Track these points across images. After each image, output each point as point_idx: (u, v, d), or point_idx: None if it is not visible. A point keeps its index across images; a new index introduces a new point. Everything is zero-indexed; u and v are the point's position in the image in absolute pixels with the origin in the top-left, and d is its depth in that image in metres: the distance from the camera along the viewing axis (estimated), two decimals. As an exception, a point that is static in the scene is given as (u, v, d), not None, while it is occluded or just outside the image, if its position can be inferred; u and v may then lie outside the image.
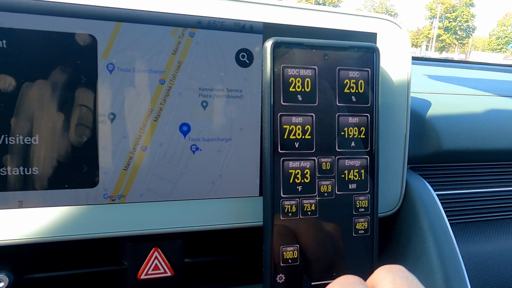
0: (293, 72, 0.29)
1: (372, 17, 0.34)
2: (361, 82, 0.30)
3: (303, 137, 0.29)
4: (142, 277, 0.33)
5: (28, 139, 0.27)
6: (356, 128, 0.30)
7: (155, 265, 0.33)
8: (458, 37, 36.91)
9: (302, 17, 0.32)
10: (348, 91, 0.30)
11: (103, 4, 0.28)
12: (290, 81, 0.29)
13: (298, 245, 0.29)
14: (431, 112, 0.44)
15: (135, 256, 0.33)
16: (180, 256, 0.34)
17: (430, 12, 37.52)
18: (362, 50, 0.30)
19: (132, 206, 0.30)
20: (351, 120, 0.30)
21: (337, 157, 0.30)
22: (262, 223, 0.29)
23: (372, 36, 0.34)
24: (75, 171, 0.28)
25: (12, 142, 0.27)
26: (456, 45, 36.59)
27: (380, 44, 0.34)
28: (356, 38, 0.34)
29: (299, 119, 0.29)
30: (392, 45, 0.35)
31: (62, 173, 0.28)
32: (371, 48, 0.31)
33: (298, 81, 0.29)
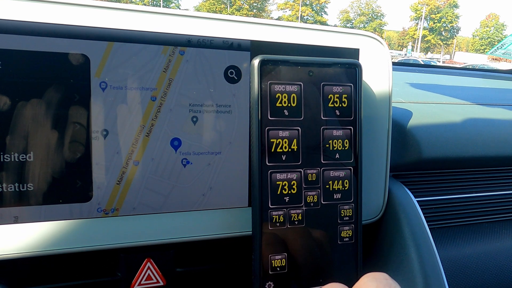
0: (279, 88, 0.30)
1: (355, 34, 0.36)
2: (344, 97, 0.32)
3: (289, 150, 0.30)
4: (136, 287, 0.34)
5: (23, 156, 0.28)
6: (340, 140, 0.32)
7: (148, 275, 0.34)
8: (442, 37, 37.47)
9: (287, 35, 0.34)
10: (332, 105, 0.31)
11: (96, 25, 0.29)
12: (276, 96, 0.30)
13: (286, 254, 0.30)
14: (412, 122, 0.45)
15: (128, 267, 0.34)
16: (172, 266, 0.35)
17: (415, 13, 38.00)
18: (345, 66, 0.32)
19: (125, 219, 0.31)
20: (335, 133, 0.31)
21: (322, 168, 0.31)
22: (251, 232, 0.30)
23: (355, 52, 0.36)
24: (69, 187, 0.29)
25: (7, 159, 0.27)
26: (441, 45, 37.14)
27: (362, 59, 0.36)
28: (340, 53, 0.35)
29: (285, 133, 0.30)
30: (374, 60, 0.36)
31: (57, 189, 0.29)
32: (353, 64, 0.32)
33: (285, 97, 0.30)
